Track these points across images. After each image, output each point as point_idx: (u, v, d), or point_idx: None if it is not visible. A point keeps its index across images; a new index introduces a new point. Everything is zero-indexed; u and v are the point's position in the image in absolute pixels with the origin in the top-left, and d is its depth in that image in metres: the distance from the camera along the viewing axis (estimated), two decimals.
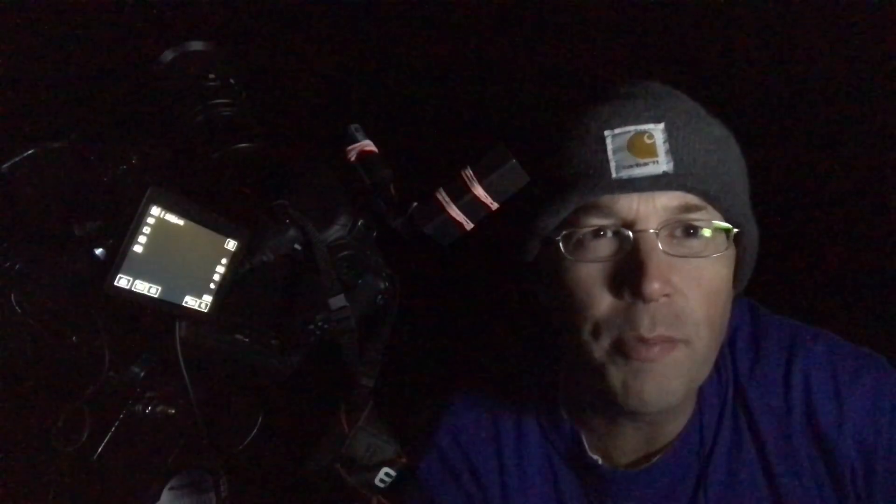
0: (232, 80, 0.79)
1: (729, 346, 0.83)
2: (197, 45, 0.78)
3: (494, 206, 0.71)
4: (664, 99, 0.75)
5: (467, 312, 1.64)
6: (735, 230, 0.73)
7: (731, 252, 0.75)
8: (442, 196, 0.71)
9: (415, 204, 0.72)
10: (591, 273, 0.72)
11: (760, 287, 0.86)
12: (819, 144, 1.44)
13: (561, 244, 0.74)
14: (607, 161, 0.71)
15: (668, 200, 0.70)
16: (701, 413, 0.81)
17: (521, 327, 1.01)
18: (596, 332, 0.72)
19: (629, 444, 0.83)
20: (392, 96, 1.59)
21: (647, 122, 0.71)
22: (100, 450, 0.68)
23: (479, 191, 0.70)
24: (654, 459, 0.81)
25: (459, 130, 1.56)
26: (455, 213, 0.71)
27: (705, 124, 0.74)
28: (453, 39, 1.57)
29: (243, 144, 0.76)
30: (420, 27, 1.55)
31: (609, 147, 0.71)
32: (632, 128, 0.71)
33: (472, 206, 0.71)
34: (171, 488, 0.75)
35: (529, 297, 0.87)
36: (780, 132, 1.45)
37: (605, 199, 0.71)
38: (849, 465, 0.76)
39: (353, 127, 0.76)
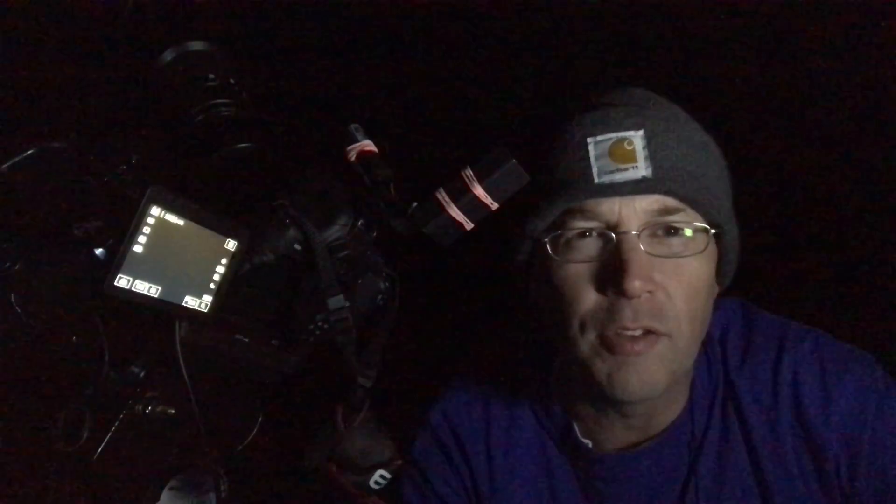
0: (232, 80, 0.79)
1: (720, 341, 0.87)
2: (197, 45, 0.78)
3: (494, 206, 0.71)
4: (645, 106, 0.79)
5: (467, 312, 1.64)
6: (713, 231, 0.77)
7: (712, 250, 0.79)
8: (442, 196, 0.71)
9: (415, 204, 0.72)
10: (577, 272, 0.77)
11: (753, 287, 0.89)
12: (813, 145, 1.44)
13: (549, 245, 0.78)
14: (590, 167, 0.75)
15: (648, 203, 0.75)
16: (692, 406, 0.84)
17: (519, 325, 1.02)
18: (582, 328, 0.76)
19: (618, 434, 0.86)
20: (392, 96, 1.59)
21: (627, 129, 0.76)
22: (100, 450, 0.68)
23: (479, 191, 0.70)
24: (643, 446, 0.84)
25: (459, 130, 1.56)
26: (455, 213, 0.71)
27: (685, 130, 0.78)
28: (453, 39, 1.57)
29: (243, 144, 0.76)
30: (420, 27, 1.55)
31: (591, 153, 0.75)
32: (613, 135, 0.75)
33: (472, 206, 0.71)
34: (171, 488, 0.75)
35: (521, 295, 0.90)
36: (774, 133, 1.45)
37: (589, 202, 0.76)
38: (833, 457, 0.78)
39: (353, 127, 0.76)
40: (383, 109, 1.53)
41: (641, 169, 0.74)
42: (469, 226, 0.72)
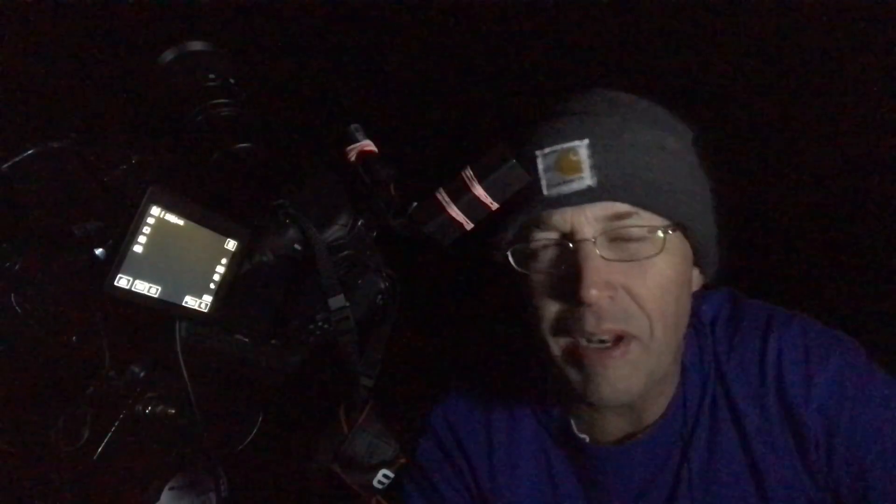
0: (232, 80, 0.79)
1: (710, 329, 0.89)
2: (197, 45, 0.78)
3: (494, 206, 0.71)
4: (593, 114, 0.79)
5: (467, 312, 1.64)
6: (670, 230, 0.77)
7: (677, 247, 0.79)
8: (442, 196, 0.71)
9: (415, 204, 0.72)
10: (540, 282, 0.79)
11: (746, 279, 0.91)
12: (811, 143, 1.44)
13: (511, 258, 0.81)
14: (539, 180, 0.77)
15: (598, 211, 0.76)
16: (685, 394, 0.86)
17: (516, 325, 1.02)
18: (553, 333, 0.79)
19: (612, 426, 0.88)
20: (392, 96, 1.59)
21: (572, 139, 0.76)
22: (100, 450, 0.68)
23: (479, 191, 0.70)
24: (637, 437, 0.85)
25: (459, 130, 1.56)
26: (455, 213, 0.71)
27: (636, 133, 0.78)
28: (453, 40, 1.57)
29: (243, 144, 0.76)
30: (420, 27, 1.55)
31: (540, 167, 0.77)
32: (559, 146, 0.77)
33: (472, 206, 0.71)
34: (171, 488, 0.75)
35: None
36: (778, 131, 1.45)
37: (543, 214, 0.77)
38: (813, 436, 0.80)
39: (353, 127, 0.76)
40: (383, 109, 1.52)
41: (587, 179, 0.75)
42: (469, 226, 0.72)
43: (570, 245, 0.76)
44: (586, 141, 0.76)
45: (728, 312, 0.89)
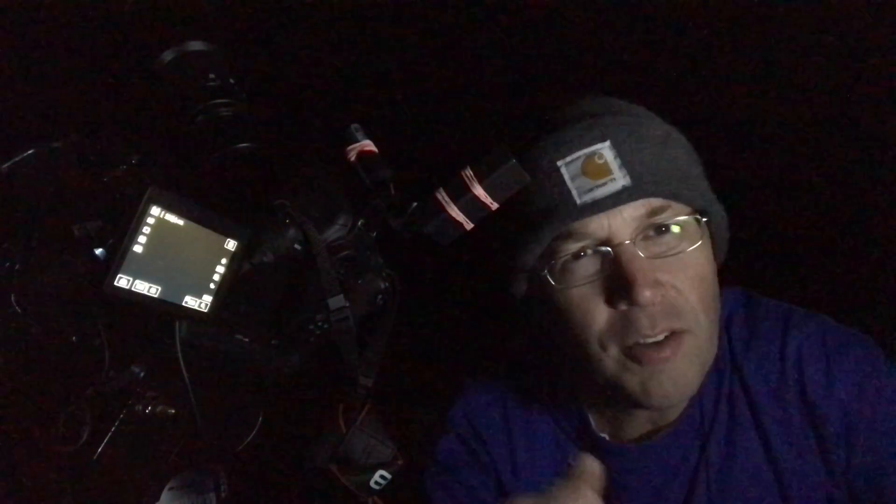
0: (232, 80, 0.79)
1: (725, 329, 0.88)
2: (197, 45, 0.78)
3: (494, 206, 0.71)
4: (602, 115, 0.78)
5: (467, 312, 1.64)
6: (703, 218, 0.77)
7: (706, 236, 0.79)
8: (442, 196, 0.71)
9: (415, 204, 0.72)
10: (582, 294, 0.76)
11: (762, 280, 0.89)
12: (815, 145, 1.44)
13: (548, 275, 0.78)
14: (568, 190, 0.75)
15: (634, 210, 0.74)
16: (701, 392, 0.85)
17: (521, 325, 1.02)
18: (602, 345, 0.76)
19: (635, 425, 0.87)
20: (392, 96, 1.59)
21: (592, 143, 0.75)
22: (100, 450, 0.68)
23: (478, 191, 0.70)
24: (657, 436, 0.85)
25: (459, 130, 1.56)
26: (455, 213, 0.71)
27: (645, 128, 0.78)
28: (454, 40, 1.57)
29: (243, 144, 0.76)
30: (420, 27, 1.55)
31: (566, 176, 0.75)
32: (580, 152, 0.75)
33: (472, 206, 0.71)
34: (171, 488, 0.75)
35: (526, 324, 0.90)
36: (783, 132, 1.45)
37: (577, 224, 0.75)
38: (834, 434, 0.80)
39: (353, 127, 0.76)
40: (383, 109, 1.52)
41: (619, 179, 0.73)
42: (469, 226, 0.72)
43: (609, 251, 0.74)
44: (608, 142, 0.74)
45: (743, 311, 0.89)
